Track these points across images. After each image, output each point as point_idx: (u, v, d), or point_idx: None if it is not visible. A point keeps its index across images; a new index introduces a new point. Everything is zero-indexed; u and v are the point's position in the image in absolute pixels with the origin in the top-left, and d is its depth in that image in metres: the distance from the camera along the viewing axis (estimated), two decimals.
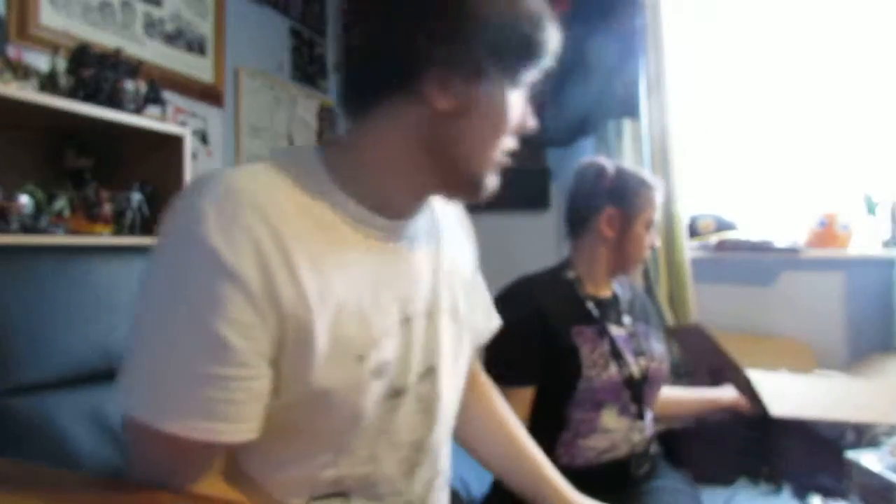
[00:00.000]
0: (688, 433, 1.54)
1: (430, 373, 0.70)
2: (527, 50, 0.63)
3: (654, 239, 1.30)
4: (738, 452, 1.56)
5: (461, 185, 0.67)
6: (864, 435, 1.49)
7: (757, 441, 1.58)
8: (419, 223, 0.71)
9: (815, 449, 1.54)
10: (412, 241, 0.70)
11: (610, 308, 1.28)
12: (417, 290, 0.69)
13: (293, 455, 0.63)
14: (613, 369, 1.18)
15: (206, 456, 0.58)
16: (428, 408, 0.70)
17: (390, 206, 0.66)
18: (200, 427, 0.53)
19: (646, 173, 1.30)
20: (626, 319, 1.29)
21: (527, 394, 1.18)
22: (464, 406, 0.87)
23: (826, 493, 1.38)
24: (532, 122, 0.69)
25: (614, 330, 1.24)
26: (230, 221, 0.54)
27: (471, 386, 0.91)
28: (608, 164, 1.29)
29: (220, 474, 0.60)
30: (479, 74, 0.61)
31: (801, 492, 1.47)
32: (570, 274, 1.28)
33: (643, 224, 1.26)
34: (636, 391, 1.21)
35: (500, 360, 1.21)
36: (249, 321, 0.54)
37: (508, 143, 0.67)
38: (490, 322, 0.92)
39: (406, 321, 0.67)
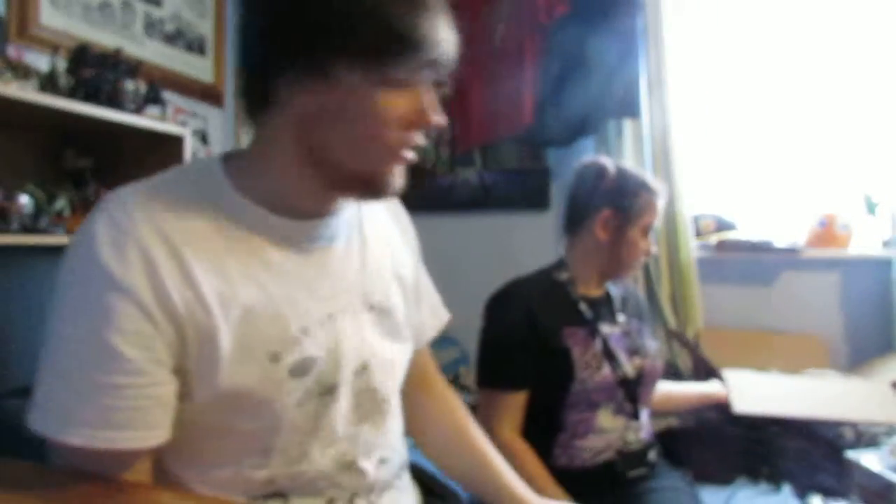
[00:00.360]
0: (688, 433, 1.55)
1: (364, 368, 0.70)
2: (388, 45, 0.59)
3: (651, 246, 1.27)
4: (738, 452, 1.56)
5: (352, 186, 0.66)
6: (864, 435, 1.50)
7: (757, 440, 1.58)
8: (339, 222, 0.71)
9: (815, 449, 1.54)
10: (332, 240, 0.70)
11: (603, 307, 1.27)
12: (340, 288, 0.69)
13: (220, 457, 0.64)
14: (607, 370, 1.17)
15: (119, 463, 0.59)
16: (364, 403, 0.71)
17: (297, 209, 0.66)
18: (101, 436, 0.55)
19: (649, 177, 1.27)
20: (621, 318, 1.28)
21: (520, 398, 1.17)
22: (421, 411, 0.89)
23: (826, 492, 1.38)
24: (438, 119, 0.65)
25: (608, 329, 1.23)
26: (120, 236, 0.56)
27: (426, 389, 0.92)
28: (610, 164, 1.27)
29: (145, 477, 0.61)
30: (335, 77, 0.59)
31: (801, 491, 1.47)
32: (564, 275, 1.26)
33: (640, 229, 1.24)
34: (631, 391, 1.20)
35: (492, 365, 1.21)
36: (143, 331, 0.56)
37: (409, 139, 0.64)
38: (437, 319, 0.93)
39: (329, 318, 0.67)
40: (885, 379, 1.78)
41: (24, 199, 1.37)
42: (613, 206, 1.23)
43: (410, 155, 0.66)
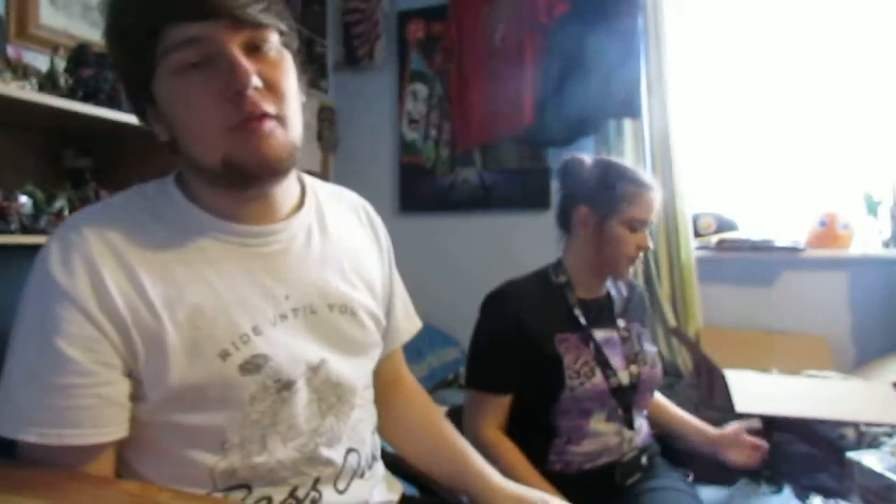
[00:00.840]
0: None
1: (322, 365, 0.72)
2: (132, 38, 0.62)
3: (646, 241, 1.20)
4: None
5: (223, 177, 0.65)
6: (865, 435, 1.50)
7: None
8: (294, 226, 0.73)
9: (816, 450, 1.54)
10: (287, 243, 0.72)
11: (601, 311, 1.23)
12: (296, 289, 0.71)
13: (178, 452, 0.65)
14: (599, 378, 1.14)
15: (77, 459, 0.61)
16: (326, 397, 0.72)
17: (247, 216, 0.69)
18: (51, 433, 0.59)
19: (637, 171, 1.22)
20: (621, 322, 1.23)
21: (504, 401, 1.16)
22: (394, 410, 0.91)
23: (827, 493, 1.38)
24: (233, 77, 0.61)
25: (604, 334, 1.19)
26: (69, 250, 0.62)
27: (398, 388, 0.94)
28: (588, 159, 1.24)
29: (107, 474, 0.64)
30: (149, 92, 0.65)
31: (802, 492, 1.47)
32: (561, 277, 1.23)
33: (621, 224, 1.17)
34: (625, 398, 1.16)
35: (479, 367, 1.20)
36: (88, 335, 0.60)
37: (233, 108, 0.61)
38: (411, 324, 0.94)
39: (282, 318, 0.69)
40: (888, 379, 1.78)
41: (24, 199, 1.37)
42: (589, 201, 1.19)
43: (257, 124, 0.62)
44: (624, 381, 1.16)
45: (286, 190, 0.73)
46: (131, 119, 1.54)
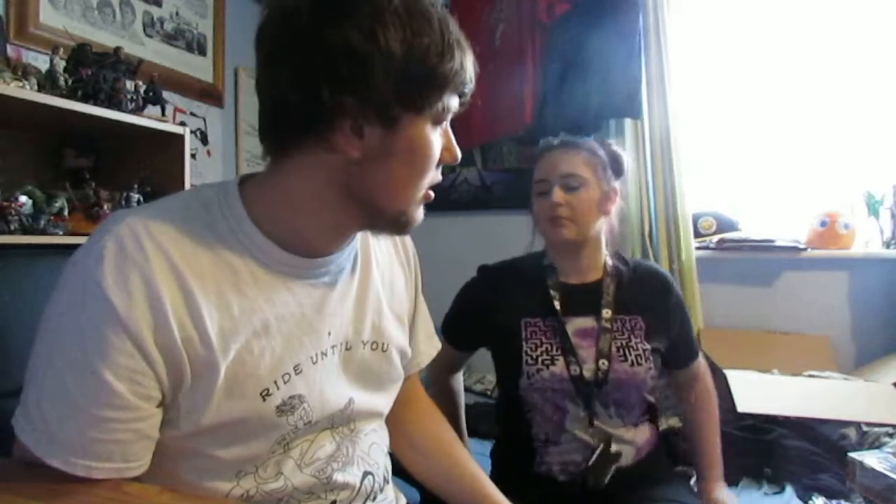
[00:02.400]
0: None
1: (349, 405, 0.72)
2: (434, 84, 0.60)
3: (551, 198, 1.18)
4: (741, 453, 1.56)
5: (385, 225, 0.68)
6: (867, 435, 1.49)
7: (760, 442, 1.58)
8: (343, 258, 0.72)
9: (818, 450, 1.54)
10: (335, 276, 0.71)
11: (583, 297, 1.17)
12: (336, 325, 0.70)
13: (193, 477, 0.64)
14: (560, 367, 1.10)
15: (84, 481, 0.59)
16: (343, 430, 0.72)
17: (310, 246, 0.67)
18: (81, 464, 0.56)
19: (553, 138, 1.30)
20: (606, 312, 1.15)
21: (453, 353, 1.26)
22: (407, 430, 0.90)
23: (829, 493, 1.38)
24: (456, 155, 0.67)
25: (580, 323, 1.14)
26: (127, 265, 0.56)
27: (412, 408, 0.93)
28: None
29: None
30: (389, 120, 0.60)
31: (804, 492, 1.46)
32: (546, 260, 1.23)
33: (535, 194, 1.24)
34: (587, 393, 1.09)
35: (447, 315, 1.30)
36: (135, 367, 0.56)
37: (434, 177, 0.67)
38: (431, 347, 0.94)
39: (322, 355, 0.68)
40: (889, 379, 1.78)
41: (23, 199, 1.36)
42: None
43: (431, 193, 0.67)
44: (587, 374, 1.10)
45: None
46: (131, 118, 1.55)
